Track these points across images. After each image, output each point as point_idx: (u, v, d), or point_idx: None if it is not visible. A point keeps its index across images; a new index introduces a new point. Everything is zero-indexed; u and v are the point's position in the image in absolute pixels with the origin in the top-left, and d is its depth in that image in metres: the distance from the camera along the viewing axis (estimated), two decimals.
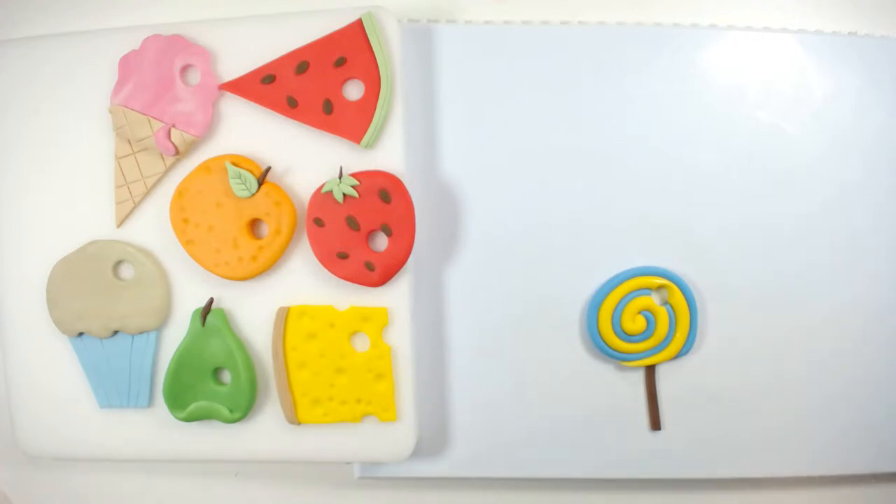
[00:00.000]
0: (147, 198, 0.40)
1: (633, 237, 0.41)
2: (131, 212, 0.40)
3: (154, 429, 0.41)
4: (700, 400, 0.42)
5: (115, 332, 0.40)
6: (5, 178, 0.41)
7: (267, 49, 0.38)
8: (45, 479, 0.46)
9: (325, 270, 0.38)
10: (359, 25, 0.38)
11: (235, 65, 0.39)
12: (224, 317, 0.39)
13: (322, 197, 0.38)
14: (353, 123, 0.38)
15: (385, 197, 0.38)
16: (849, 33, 0.42)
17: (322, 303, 0.39)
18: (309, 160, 0.39)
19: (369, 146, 0.38)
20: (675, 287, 0.40)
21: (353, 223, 0.38)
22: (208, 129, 0.39)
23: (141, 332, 0.40)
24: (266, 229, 0.39)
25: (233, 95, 0.39)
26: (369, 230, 0.38)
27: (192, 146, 0.39)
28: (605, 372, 0.41)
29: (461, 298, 0.41)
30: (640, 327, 0.41)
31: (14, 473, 0.46)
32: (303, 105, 0.38)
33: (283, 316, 0.39)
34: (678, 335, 0.41)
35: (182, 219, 0.39)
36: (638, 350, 0.41)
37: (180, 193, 0.39)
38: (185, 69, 0.39)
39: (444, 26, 0.41)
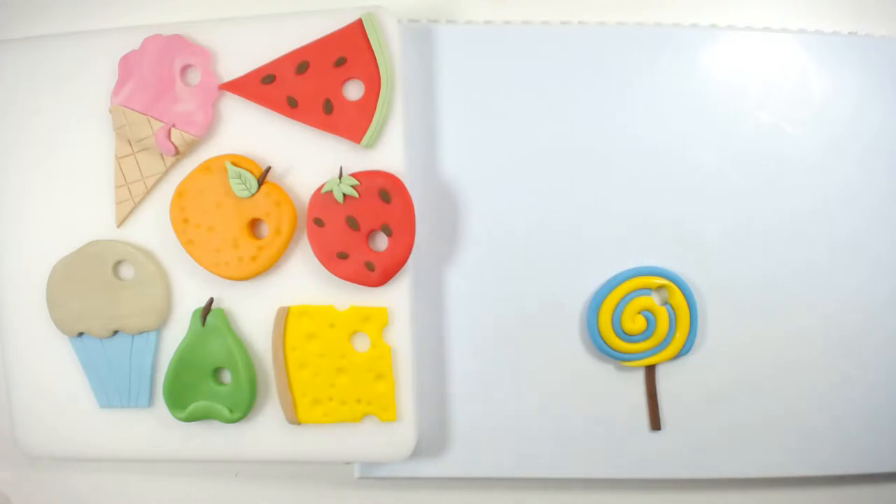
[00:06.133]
0: (147, 198, 0.40)
1: (633, 237, 0.41)
2: (131, 212, 0.40)
3: (154, 429, 0.41)
4: (700, 400, 0.42)
5: (115, 332, 0.40)
6: (5, 178, 0.41)
7: (267, 49, 0.38)
8: (45, 479, 0.46)
9: (325, 270, 0.38)
10: (359, 25, 0.38)
11: (235, 65, 0.39)
12: (224, 317, 0.39)
13: (322, 197, 0.38)
14: (353, 123, 0.38)
15: (385, 197, 0.38)
16: (849, 33, 0.42)
17: (322, 303, 0.39)
18: (309, 160, 0.39)
19: (369, 146, 0.38)
20: (675, 287, 0.40)
21: (353, 223, 0.38)
22: (208, 129, 0.39)
23: (141, 332, 0.40)
24: (266, 229, 0.39)
25: (233, 95, 0.39)
26: (369, 230, 0.38)
27: (192, 146, 0.39)
28: (605, 372, 0.41)
29: (461, 298, 0.41)
30: (640, 327, 0.41)
31: (14, 473, 0.46)
32: (303, 105, 0.38)
33: (283, 316, 0.39)
34: (678, 335, 0.41)
35: (182, 219, 0.39)
36: (638, 350, 0.41)
37: (180, 193, 0.39)
38: (185, 69, 0.39)
39: (444, 26, 0.41)
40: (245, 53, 0.39)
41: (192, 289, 0.40)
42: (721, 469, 0.42)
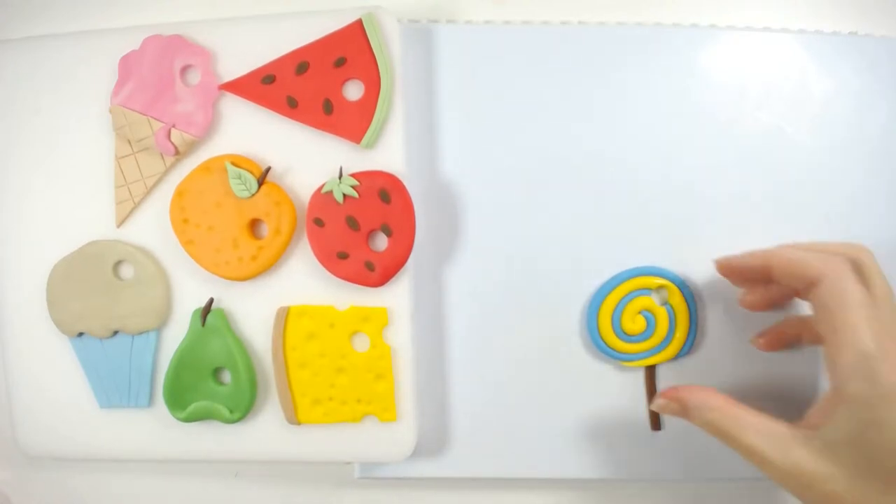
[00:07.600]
0: (147, 198, 0.40)
1: (633, 237, 0.41)
2: (131, 212, 0.40)
3: (154, 429, 0.41)
4: None
5: (115, 332, 0.40)
6: (5, 178, 0.41)
7: (267, 49, 0.38)
8: (45, 479, 0.46)
9: (325, 270, 0.38)
10: (359, 26, 0.38)
11: (235, 65, 0.39)
12: (224, 317, 0.39)
13: (322, 197, 0.38)
14: (353, 123, 0.38)
15: (385, 197, 0.38)
16: (849, 33, 0.42)
17: (322, 303, 0.39)
18: (309, 160, 0.39)
19: (369, 146, 0.38)
20: (675, 287, 0.40)
21: (353, 223, 0.38)
22: (208, 129, 0.39)
23: (141, 332, 0.40)
24: (266, 229, 0.39)
25: (233, 95, 0.39)
26: (369, 230, 0.38)
27: (192, 146, 0.39)
28: (605, 372, 0.41)
29: (461, 298, 0.41)
30: (640, 327, 0.41)
31: (14, 473, 0.46)
32: (303, 105, 0.38)
33: (283, 316, 0.39)
34: (678, 335, 0.41)
35: (182, 219, 0.39)
36: (638, 350, 0.41)
37: (180, 193, 0.39)
38: (185, 69, 0.39)
39: (444, 26, 0.41)
40: (245, 53, 0.39)
41: (192, 289, 0.40)
42: (721, 469, 0.42)
